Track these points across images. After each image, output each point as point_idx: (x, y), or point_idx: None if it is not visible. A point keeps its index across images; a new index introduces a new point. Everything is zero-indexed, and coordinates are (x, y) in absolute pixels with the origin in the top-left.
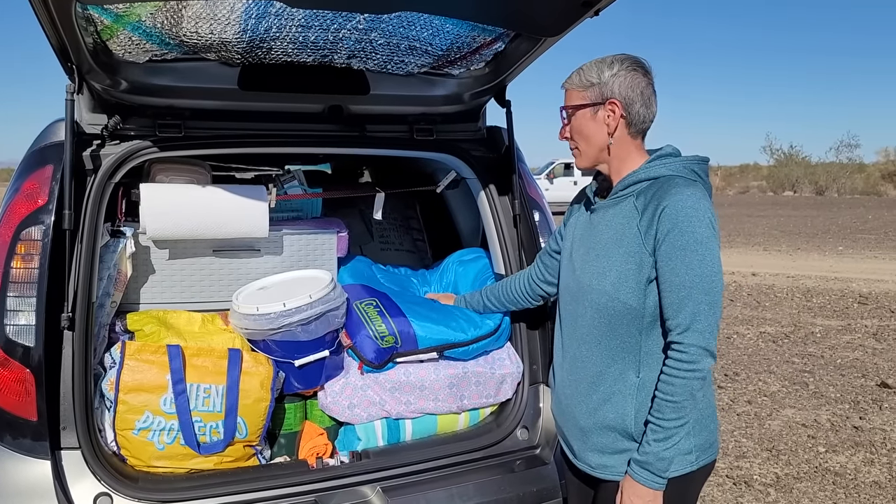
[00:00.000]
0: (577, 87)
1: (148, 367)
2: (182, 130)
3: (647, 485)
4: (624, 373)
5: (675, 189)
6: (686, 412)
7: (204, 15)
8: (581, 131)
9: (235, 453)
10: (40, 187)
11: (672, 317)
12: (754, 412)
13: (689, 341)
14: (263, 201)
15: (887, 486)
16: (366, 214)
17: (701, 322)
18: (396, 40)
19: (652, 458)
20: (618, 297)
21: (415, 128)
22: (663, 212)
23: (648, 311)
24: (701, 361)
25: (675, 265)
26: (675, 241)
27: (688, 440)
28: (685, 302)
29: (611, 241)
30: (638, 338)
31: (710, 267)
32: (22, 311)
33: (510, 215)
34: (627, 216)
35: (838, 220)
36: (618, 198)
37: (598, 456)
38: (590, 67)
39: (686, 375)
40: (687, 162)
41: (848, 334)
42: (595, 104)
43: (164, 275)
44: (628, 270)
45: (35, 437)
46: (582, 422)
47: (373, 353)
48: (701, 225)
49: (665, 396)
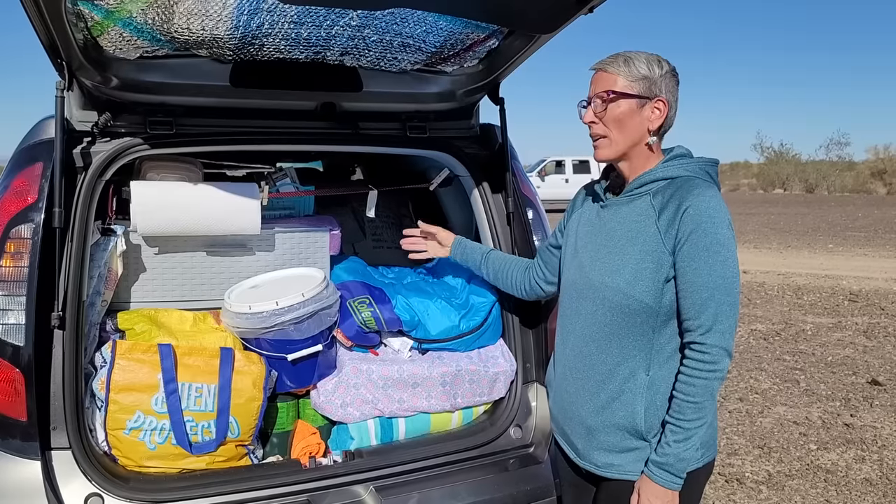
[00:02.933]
0: (624, 75)
1: (139, 367)
2: (173, 128)
3: (665, 485)
4: (634, 371)
5: (697, 190)
6: (706, 412)
7: (195, 11)
8: (620, 120)
9: (227, 453)
10: (30, 185)
11: (694, 317)
12: (746, 410)
13: (712, 342)
14: (255, 199)
15: (878, 482)
16: (358, 212)
17: (722, 323)
18: (389, 37)
19: (672, 459)
20: (633, 294)
21: (408, 125)
22: (686, 212)
23: (664, 310)
24: (721, 362)
25: (698, 266)
26: (698, 241)
27: (700, 440)
28: (708, 303)
29: (625, 239)
30: (651, 336)
31: (731, 269)
32: (11, 310)
33: (503, 213)
34: (643, 214)
35: (828, 217)
36: (632, 195)
37: (604, 455)
38: (638, 59)
39: (708, 376)
40: (702, 163)
41: (838, 332)
42: (643, 97)
43: (156, 273)
44: (645, 269)
45: (25, 437)
46: (589, 420)
47: (352, 332)
48: (723, 226)
49: (686, 397)
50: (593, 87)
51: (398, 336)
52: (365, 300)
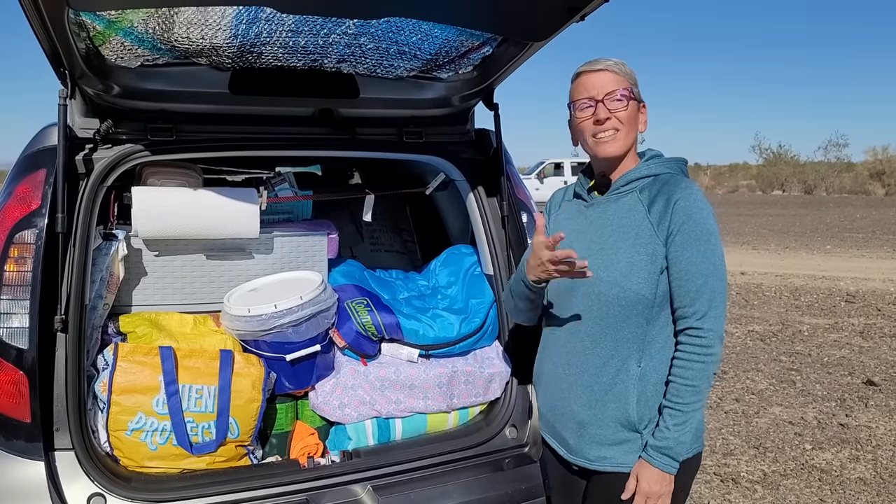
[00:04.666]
0: (628, 78)
1: (140, 369)
2: (173, 134)
3: (665, 469)
4: (626, 362)
5: (683, 185)
6: (703, 394)
7: (195, 20)
8: (631, 118)
9: (227, 453)
10: (33, 191)
11: (689, 304)
12: (742, 410)
13: (708, 326)
14: (254, 203)
15: (872, 482)
16: (356, 216)
17: (716, 308)
18: (385, 45)
19: (672, 443)
20: (628, 286)
21: (404, 130)
22: (677, 204)
23: (658, 300)
24: (716, 346)
25: (691, 255)
26: (690, 231)
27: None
28: (703, 289)
29: (616, 234)
30: (644, 327)
31: (720, 257)
32: (16, 313)
33: (498, 216)
34: (632, 209)
35: (826, 218)
36: (619, 193)
37: (596, 448)
38: (627, 67)
39: (705, 360)
40: (679, 162)
41: (835, 332)
42: (639, 101)
43: (156, 277)
44: (639, 261)
45: (29, 438)
46: (581, 415)
47: (351, 337)
48: (710, 218)
49: (684, 381)
50: (599, 87)
51: (404, 346)
52: (363, 301)
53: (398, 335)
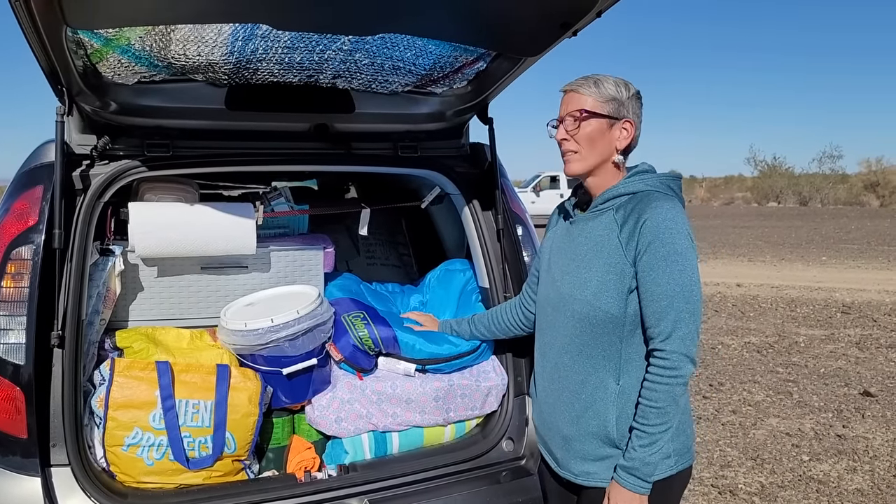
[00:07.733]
0: (594, 95)
1: (137, 384)
2: (170, 150)
3: (633, 489)
4: (604, 380)
5: (654, 203)
6: (670, 417)
7: (192, 38)
8: (591, 138)
9: (224, 468)
10: (31, 207)
11: (654, 325)
12: (739, 422)
13: (671, 348)
14: (251, 218)
15: (869, 493)
16: (352, 230)
17: (682, 329)
18: (380, 60)
19: (638, 464)
20: (599, 305)
21: (399, 145)
22: (644, 224)
23: (629, 320)
24: (682, 367)
25: (657, 275)
26: (656, 252)
27: (667, 445)
28: (667, 311)
29: (591, 252)
30: (619, 346)
31: (689, 277)
32: (12, 329)
33: (493, 230)
34: (607, 228)
35: (822, 230)
36: (597, 211)
37: (581, 463)
38: (606, 81)
39: (669, 381)
40: (663, 178)
41: (831, 344)
42: (612, 118)
43: (153, 292)
44: (609, 280)
45: (25, 454)
46: (565, 430)
47: (348, 351)
48: (680, 237)
49: (649, 403)
50: (564, 106)
51: (401, 360)
52: (360, 314)
53: (395, 349)
